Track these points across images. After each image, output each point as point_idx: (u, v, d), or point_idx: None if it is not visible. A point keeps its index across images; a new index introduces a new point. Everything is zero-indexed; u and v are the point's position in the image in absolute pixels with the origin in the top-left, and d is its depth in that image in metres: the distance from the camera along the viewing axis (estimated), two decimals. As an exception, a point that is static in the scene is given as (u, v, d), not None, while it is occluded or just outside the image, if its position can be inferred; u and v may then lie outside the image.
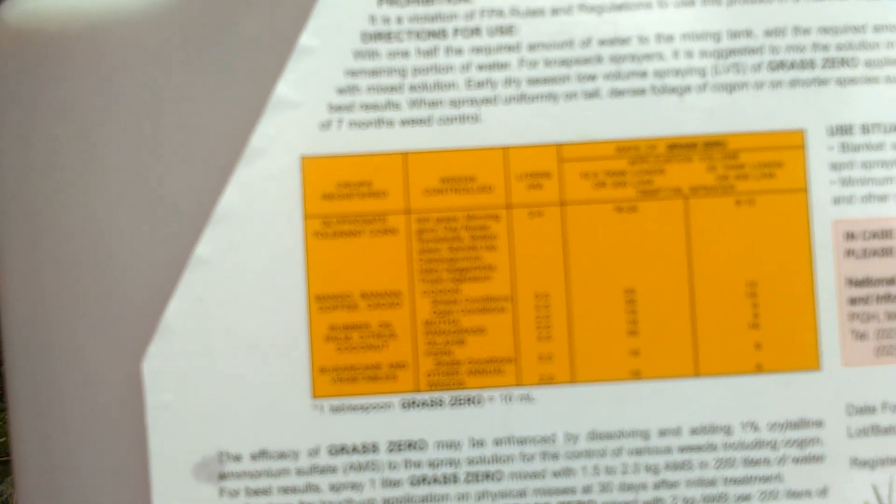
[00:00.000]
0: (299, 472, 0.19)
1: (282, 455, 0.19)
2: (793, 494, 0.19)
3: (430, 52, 0.19)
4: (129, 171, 0.19)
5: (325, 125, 0.19)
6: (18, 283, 0.19)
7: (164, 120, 0.19)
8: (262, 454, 0.18)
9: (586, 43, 0.19)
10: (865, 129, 0.19)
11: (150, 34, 0.19)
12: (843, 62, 0.19)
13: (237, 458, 0.18)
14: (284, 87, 0.19)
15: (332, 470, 0.19)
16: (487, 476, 0.19)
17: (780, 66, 0.19)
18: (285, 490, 0.18)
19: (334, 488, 0.18)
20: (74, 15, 0.19)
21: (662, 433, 0.19)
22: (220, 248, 0.19)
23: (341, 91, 0.19)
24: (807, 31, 0.19)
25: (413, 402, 0.19)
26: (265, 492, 0.18)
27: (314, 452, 0.19)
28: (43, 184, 0.19)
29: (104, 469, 0.19)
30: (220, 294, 0.19)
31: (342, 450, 0.19)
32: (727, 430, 0.19)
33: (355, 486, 0.19)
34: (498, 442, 0.19)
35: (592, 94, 0.19)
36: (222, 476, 0.18)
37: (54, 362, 0.19)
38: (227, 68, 0.19)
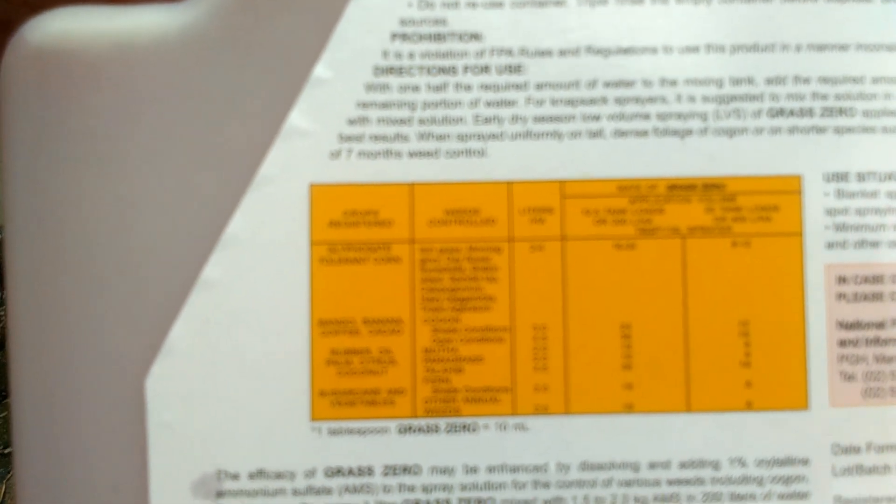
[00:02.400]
0: (295, 492, 0.19)
1: (279, 475, 0.19)
2: (778, 531, 0.19)
3: (440, 88, 0.19)
4: (142, 193, 0.19)
5: (335, 154, 0.19)
6: (27, 299, 0.19)
7: (178, 144, 0.19)
8: (259, 473, 0.19)
9: (592, 84, 0.19)
10: (861, 176, 0.19)
11: (169, 60, 0.19)
12: (841, 111, 0.19)
13: (235, 477, 0.19)
14: (297, 116, 0.19)
15: (328, 491, 0.19)
16: (479, 502, 0.19)
17: (780, 113, 0.19)
18: (282, 510, 0.19)
19: (330, 510, 0.19)
20: (95, 38, 0.19)
21: (652, 466, 0.19)
22: (227, 272, 0.19)
23: (352, 122, 0.19)
24: (807, 81, 0.19)
25: (409, 428, 0.19)
26: (262, 511, 0.19)
27: (311, 474, 0.19)
28: (57, 202, 0.19)
29: (105, 484, 0.19)
30: (224, 316, 0.19)
31: (338, 472, 0.19)
32: (715, 465, 0.19)
33: (350, 509, 0.19)
34: (491, 469, 0.19)
35: (596, 134, 0.19)
36: (220, 494, 0.19)
37: (59, 378, 0.19)
38: (243, 96, 0.19)
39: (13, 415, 0.19)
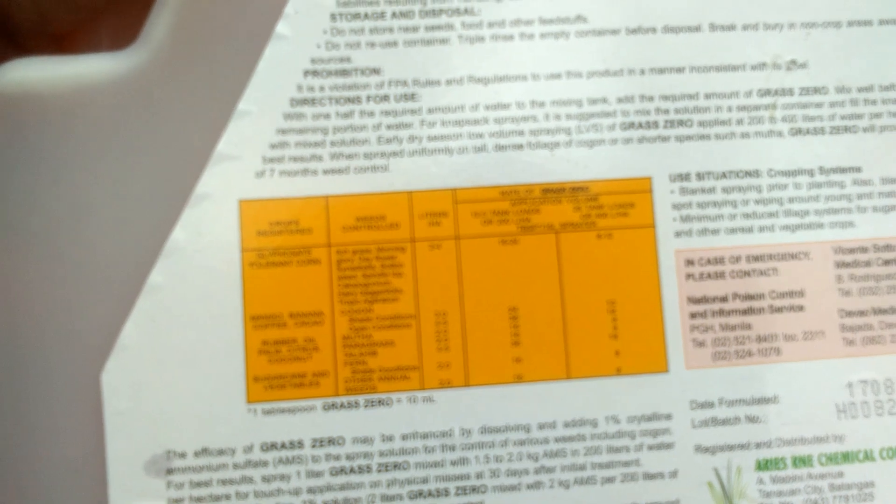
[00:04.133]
0: (235, 466, 0.22)
1: (221, 452, 0.22)
2: (649, 476, 0.23)
3: (348, 115, 0.23)
4: (95, 211, 0.22)
5: (260, 174, 0.23)
6: (-6, 308, 0.22)
7: (125, 169, 0.22)
8: (203, 451, 0.22)
9: (475, 107, 0.23)
10: (700, 176, 0.23)
11: (115, 99, 0.22)
12: (681, 123, 0.23)
13: (182, 455, 0.22)
14: (225, 143, 0.23)
15: (264, 464, 0.22)
16: (396, 466, 0.22)
17: (630, 126, 0.23)
18: (223, 482, 0.22)
19: (266, 479, 0.22)
20: (50, 83, 0.22)
21: (541, 426, 0.22)
22: (170, 277, 0.22)
23: (273, 146, 0.23)
24: (651, 99, 0.23)
25: (333, 405, 0.22)
26: (206, 484, 0.22)
27: (248, 449, 0.22)
28: (20, 221, 0.22)
29: (67, 468, 0.22)
30: (169, 316, 0.22)
31: (272, 446, 0.22)
32: (594, 423, 0.23)
33: (283, 477, 0.22)
34: (405, 437, 0.22)
35: (480, 149, 0.23)
36: (169, 471, 0.22)
37: (22, 375, 0.22)
38: (180, 127, 0.22)
39: (-17, 412, 0.22)
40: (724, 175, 0.23)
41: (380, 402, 0.22)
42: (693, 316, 0.23)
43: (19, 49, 0.29)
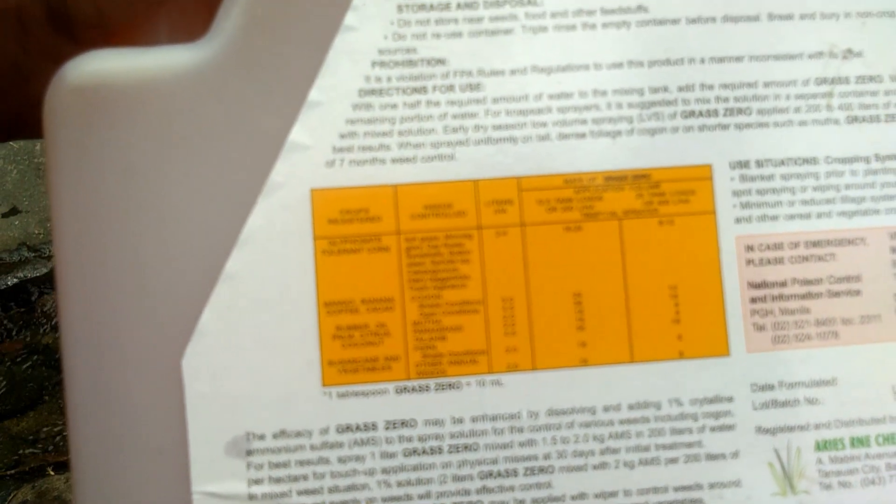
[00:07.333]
0: (312, 447, 0.23)
1: (298, 434, 0.23)
2: (711, 457, 0.23)
3: (414, 105, 0.23)
4: (172, 204, 0.23)
5: (331, 163, 0.23)
6: (78, 300, 0.23)
7: (201, 161, 0.23)
8: (281, 433, 0.22)
9: (538, 97, 0.24)
10: (759, 163, 0.24)
11: (189, 92, 0.23)
12: (740, 111, 0.24)
13: (261, 437, 0.22)
14: (297, 133, 0.23)
15: (340, 445, 0.23)
16: (466, 447, 0.23)
17: (691, 114, 0.24)
18: (301, 463, 0.22)
19: (341, 460, 0.23)
20: (125, 76, 0.23)
21: (606, 409, 0.23)
22: (245, 266, 0.23)
23: (343, 136, 0.23)
24: (711, 87, 0.24)
25: (405, 388, 0.23)
26: (284, 465, 0.22)
27: (324, 431, 0.23)
28: (100, 216, 0.23)
29: (151, 450, 0.22)
30: (245, 303, 0.23)
31: (347, 428, 0.23)
32: (657, 406, 0.23)
33: (358, 458, 0.23)
34: (474, 419, 0.23)
35: (544, 138, 0.23)
36: (249, 452, 0.22)
37: (108, 363, 0.22)
38: (252, 118, 0.23)
39: (67, 397, 0.23)
40: (782, 162, 0.24)
41: (450, 385, 0.23)
42: (753, 300, 0.24)
43: (75, 43, 0.30)
